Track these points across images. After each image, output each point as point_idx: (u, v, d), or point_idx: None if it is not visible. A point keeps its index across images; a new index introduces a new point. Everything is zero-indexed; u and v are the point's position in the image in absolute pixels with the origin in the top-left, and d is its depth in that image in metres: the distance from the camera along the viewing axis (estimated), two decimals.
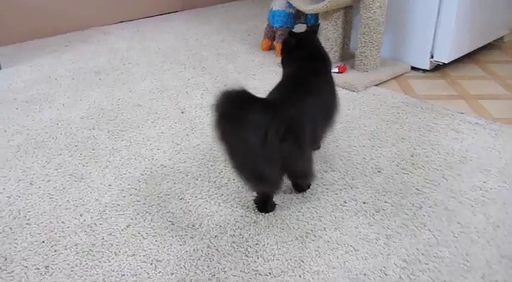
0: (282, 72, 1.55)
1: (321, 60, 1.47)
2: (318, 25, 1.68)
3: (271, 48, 2.71)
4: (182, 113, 1.94)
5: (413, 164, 1.54)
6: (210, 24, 3.26)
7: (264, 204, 1.29)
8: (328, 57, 1.51)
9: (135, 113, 1.94)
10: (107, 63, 2.54)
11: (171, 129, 1.80)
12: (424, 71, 2.38)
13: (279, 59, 2.54)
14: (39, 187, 1.45)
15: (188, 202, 1.36)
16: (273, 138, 1.10)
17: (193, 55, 2.65)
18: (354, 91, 2.12)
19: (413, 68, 2.40)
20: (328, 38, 2.31)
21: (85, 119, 1.89)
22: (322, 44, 1.57)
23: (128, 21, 3.37)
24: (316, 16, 2.53)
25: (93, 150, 1.68)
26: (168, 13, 3.60)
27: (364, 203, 1.35)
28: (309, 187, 1.40)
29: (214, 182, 1.46)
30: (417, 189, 1.41)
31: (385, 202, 1.35)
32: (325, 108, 1.36)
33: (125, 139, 1.73)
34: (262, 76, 2.32)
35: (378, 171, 1.50)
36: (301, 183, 1.38)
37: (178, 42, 2.89)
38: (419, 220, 1.27)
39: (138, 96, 2.11)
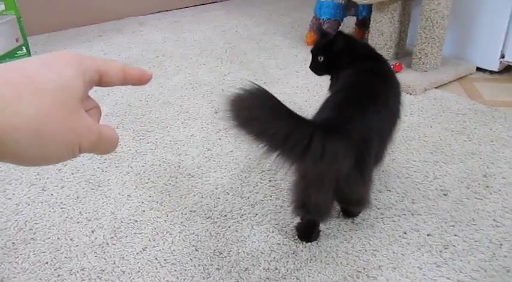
0: (329, 85, 1.31)
1: (382, 60, 1.23)
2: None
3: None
4: (216, 113, 1.74)
5: (487, 186, 1.27)
6: (250, 16, 3.04)
7: (308, 233, 1.07)
8: (383, 56, 1.27)
9: (164, 111, 1.76)
10: (139, 55, 2.38)
11: (202, 131, 1.61)
12: (492, 72, 2.07)
13: None
14: (52, 194, 1.29)
15: (216, 222, 1.16)
16: (326, 158, 0.88)
17: (231, 48, 2.45)
18: (411, 94, 1.85)
19: (478, 69, 2.09)
20: (383, 32, 2.05)
21: (110, 117, 1.72)
22: (375, 40, 1.32)
23: (165, 11, 3.21)
24: (369, 8, 2.26)
25: (115, 152, 1.51)
26: (207, 3, 3.41)
27: (428, 235, 1.10)
28: (360, 212, 1.17)
29: (248, 198, 1.25)
30: (494, 220, 1.15)
31: (455, 235, 1.10)
32: (393, 119, 1.12)
33: (150, 141, 1.55)
34: (306, 73, 2.09)
35: (444, 194, 1.25)
36: (353, 210, 1.15)
37: (216, 34, 2.70)
38: (500, 262, 1.01)
39: (169, 92, 1.93)
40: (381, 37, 2.06)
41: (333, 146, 0.84)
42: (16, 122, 0.26)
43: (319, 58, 1.27)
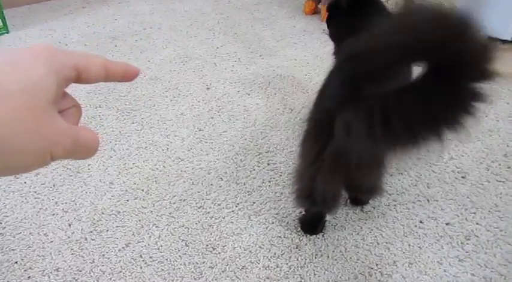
0: (333, 51, 1.17)
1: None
2: None
3: (315, 11, 2.29)
4: (208, 89, 1.59)
5: (508, 167, 1.15)
6: None
7: (313, 226, 0.95)
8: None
9: (151, 88, 1.61)
10: (125, 28, 2.21)
11: (193, 109, 1.46)
12: (504, 42, 1.92)
13: (324, 25, 2.14)
14: (25, 182, 1.15)
15: (209, 212, 1.04)
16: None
17: (224, 19, 2.28)
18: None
19: (490, 38, 1.94)
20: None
21: (92, 94, 1.57)
22: None
23: None
24: None
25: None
26: None
27: (447, 224, 0.98)
28: (370, 199, 1.04)
29: (244, 184, 1.12)
30: None
31: (477, 224, 0.98)
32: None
33: (136, 121, 1.41)
34: (305, 45, 1.93)
35: (462, 177, 1.12)
36: (363, 198, 1.02)
37: (207, 4, 2.51)
38: None
39: (156, 67, 1.77)
40: None
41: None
42: None
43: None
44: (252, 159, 1.21)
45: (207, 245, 0.95)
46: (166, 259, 0.91)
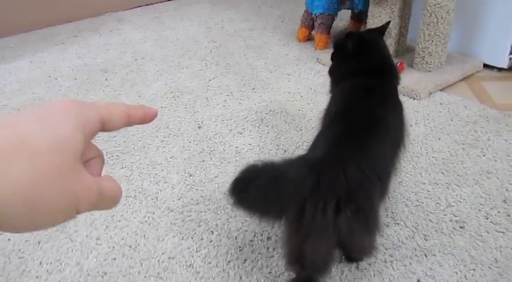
0: (329, 89, 1.14)
1: (387, 76, 1.05)
2: (388, 23, 1.20)
3: (308, 38, 2.27)
4: (199, 127, 1.56)
5: (508, 215, 1.12)
6: (237, 9, 2.83)
7: None
8: (397, 71, 1.10)
9: (141, 127, 1.58)
10: (116, 59, 2.18)
11: (184, 151, 1.43)
12: (500, 70, 1.90)
13: (318, 54, 2.12)
14: (9, 239, 1.12)
15: (198, 272, 1.00)
16: (320, 212, 0.72)
17: (216, 48, 2.25)
18: (415, 98, 1.68)
19: (485, 66, 1.92)
20: None
21: None
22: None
23: (146, 5, 2.99)
24: (365, 0, 2.07)
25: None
26: None
27: None
28: (361, 260, 1.00)
29: (235, 238, 1.09)
30: None
31: None
32: (396, 146, 0.95)
33: (125, 166, 1.38)
34: (299, 76, 1.91)
35: (461, 227, 1.09)
36: (357, 257, 0.99)
37: (200, 31, 2.50)
38: None
39: (147, 103, 1.74)
40: None
41: (325, 211, 0.69)
42: (2, 192, 0.23)
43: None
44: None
45: None
46: None
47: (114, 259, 1.04)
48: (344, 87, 1.04)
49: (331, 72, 1.15)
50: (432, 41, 1.74)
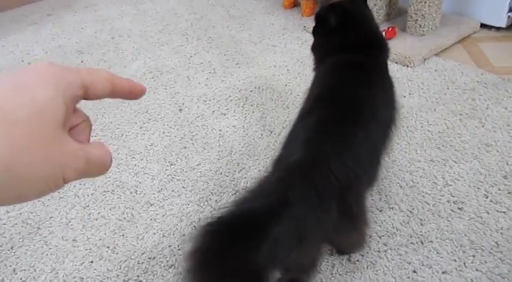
0: (313, 67, 1.05)
1: (375, 50, 0.96)
2: None
3: (294, 4, 2.14)
4: (180, 110, 1.47)
5: (509, 192, 1.05)
6: None
7: None
8: (386, 43, 1.00)
9: (119, 112, 1.49)
10: (92, 38, 2.06)
11: (164, 138, 1.35)
12: (499, 29, 1.79)
13: (305, 21, 1.99)
14: None
15: (180, 273, 0.94)
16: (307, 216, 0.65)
17: (197, 20, 2.13)
18: (408, 66, 1.58)
19: (482, 26, 1.80)
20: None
21: None
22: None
23: None
24: None
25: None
26: None
27: (443, 272, 0.88)
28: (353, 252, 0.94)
29: None
30: None
31: (477, 270, 0.88)
32: (386, 129, 0.87)
33: None
34: (285, 47, 1.80)
35: (459, 209, 1.02)
36: (346, 252, 0.92)
37: (180, 2, 2.35)
38: None
39: None
40: None
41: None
42: None
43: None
44: (228, 199, 1.10)
45: None
46: None
47: (92, 262, 0.98)
48: (328, 65, 0.95)
49: (314, 48, 1.05)
50: (425, 3, 1.62)
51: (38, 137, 0.24)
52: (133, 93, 0.32)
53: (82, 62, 1.86)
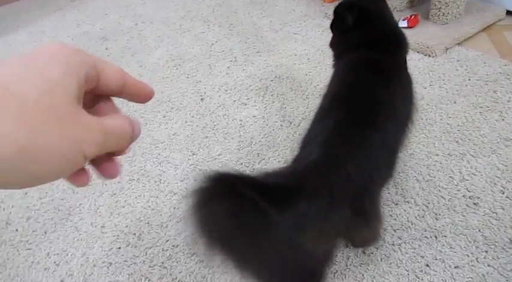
0: (333, 63, 1.06)
1: (394, 47, 0.97)
2: None
3: None
4: (202, 99, 1.51)
5: None
6: None
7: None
8: (405, 39, 1.00)
9: None
10: (116, 24, 2.10)
11: (187, 127, 1.39)
12: None
13: (326, 8, 1.98)
14: (16, 230, 1.13)
15: (202, 261, 0.99)
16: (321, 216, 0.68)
17: (219, 6, 2.14)
18: (430, 56, 1.56)
19: (508, 13, 1.76)
20: None
21: None
22: None
23: None
24: None
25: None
26: None
27: (456, 267, 0.91)
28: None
29: None
30: None
31: (489, 266, 0.90)
32: (403, 127, 0.89)
33: None
34: (306, 34, 1.80)
35: (474, 204, 1.04)
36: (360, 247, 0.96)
37: None
38: None
39: (149, 74, 1.68)
40: None
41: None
42: None
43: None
44: None
45: None
46: None
47: (119, 248, 1.04)
48: (346, 62, 0.96)
49: (333, 44, 1.06)
50: None
51: (51, 115, 0.24)
52: (141, 95, 0.32)
53: (106, 48, 1.90)
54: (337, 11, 1.02)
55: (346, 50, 0.99)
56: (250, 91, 1.51)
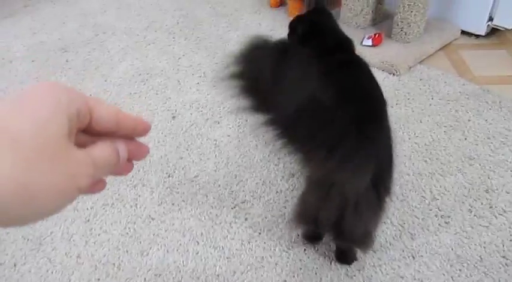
0: None
1: (352, 49, 1.07)
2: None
3: (281, 3, 2.15)
4: (173, 118, 1.48)
5: (490, 207, 1.13)
6: None
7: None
8: (354, 45, 1.11)
9: None
10: (75, 34, 2.01)
11: (160, 147, 1.36)
12: (478, 36, 1.86)
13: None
14: None
15: None
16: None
17: (184, 17, 2.11)
18: (395, 74, 1.63)
19: (463, 32, 1.87)
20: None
21: None
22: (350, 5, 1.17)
23: None
24: None
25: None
26: None
27: None
28: (355, 259, 1.00)
29: (222, 248, 1.06)
30: (504, 257, 1.01)
31: None
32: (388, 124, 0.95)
33: None
34: None
35: (446, 223, 1.09)
36: (349, 250, 0.98)
37: None
38: None
39: (115, 89, 1.63)
40: (356, 2, 1.79)
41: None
42: None
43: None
44: (228, 214, 1.14)
45: None
46: None
47: (98, 280, 1.01)
48: (321, 66, 0.98)
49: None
50: (412, 12, 1.67)
51: (44, 152, 0.24)
52: (138, 130, 0.33)
53: (67, 61, 1.82)
54: (291, 24, 1.14)
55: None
56: (222, 109, 1.50)
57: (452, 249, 1.03)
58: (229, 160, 1.30)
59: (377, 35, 1.73)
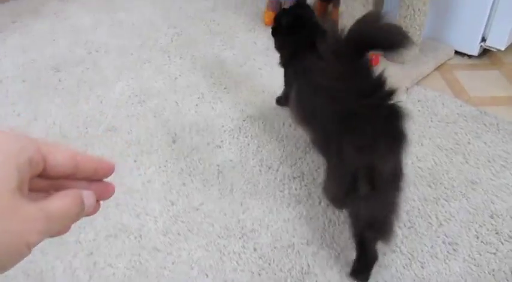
0: (283, 63, 1.34)
1: None
2: None
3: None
4: (173, 142, 1.46)
5: (496, 233, 1.14)
6: None
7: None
8: None
9: (110, 142, 1.45)
10: (67, 52, 1.97)
11: (161, 173, 1.34)
12: (471, 56, 1.89)
13: None
14: None
15: None
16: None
17: (178, 35, 2.09)
18: None
19: (456, 53, 1.90)
20: (355, 18, 1.78)
21: None
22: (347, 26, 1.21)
23: None
24: None
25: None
26: None
27: None
28: (376, 258, 1.00)
29: (232, 281, 1.04)
30: None
31: None
32: None
33: None
34: (272, 69, 1.81)
35: (454, 250, 1.10)
36: (375, 238, 0.98)
37: (156, 13, 2.29)
38: None
39: (112, 112, 1.60)
40: (352, 22, 1.80)
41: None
42: None
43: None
44: (236, 244, 1.12)
45: None
46: None
47: None
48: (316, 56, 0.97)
49: (280, 47, 1.33)
50: (408, 33, 1.68)
51: None
52: (100, 172, 0.31)
53: (60, 80, 1.78)
54: (276, 18, 1.28)
55: (297, 48, 1.21)
56: (223, 132, 1.49)
57: (462, 277, 1.04)
58: (233, 186, 1.28)
59: (374, 56, 1.75)
